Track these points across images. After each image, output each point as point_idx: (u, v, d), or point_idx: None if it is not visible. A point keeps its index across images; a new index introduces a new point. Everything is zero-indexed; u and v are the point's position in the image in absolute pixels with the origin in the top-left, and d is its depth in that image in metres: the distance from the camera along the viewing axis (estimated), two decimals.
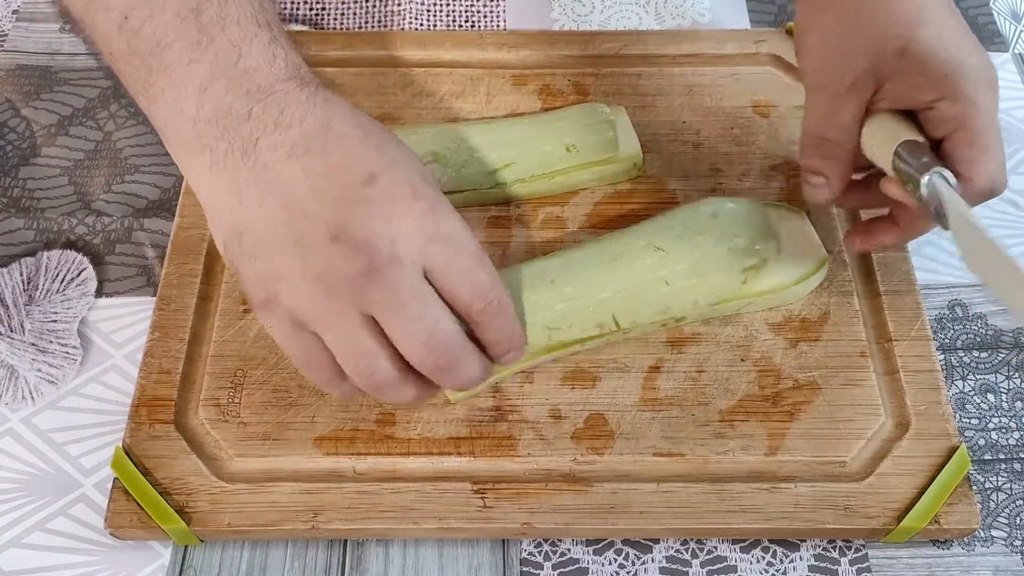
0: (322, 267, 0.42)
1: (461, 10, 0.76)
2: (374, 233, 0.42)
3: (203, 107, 0.43)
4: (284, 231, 0.43)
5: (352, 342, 0.43)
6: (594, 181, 0.62)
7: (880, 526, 0.50)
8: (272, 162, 0.43)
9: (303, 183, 0.43)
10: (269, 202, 0.43)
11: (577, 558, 0.52)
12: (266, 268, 0.43)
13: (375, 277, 0.42)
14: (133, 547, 0.52)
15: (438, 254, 0.43)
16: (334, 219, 0.42)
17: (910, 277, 0.58)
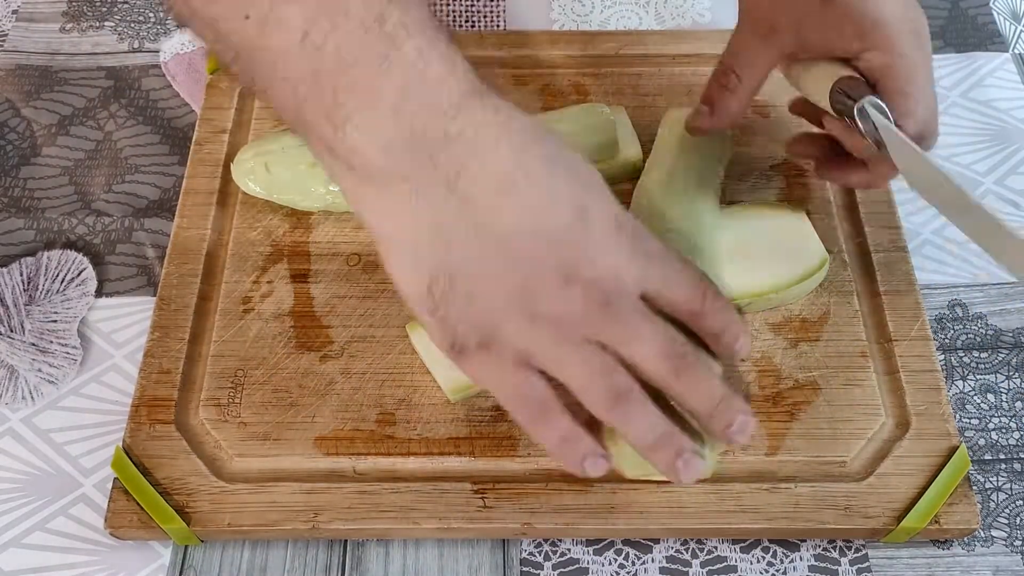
0: (554, 308, 0.42)
1: (461, 10, 0.76)
2: (603, 269, 0.42)
3: (399, 128, 0.40)
4: (503, 274, 0.42)
5: (594, 366, 0.43)
6: None
7: (880, 526, 0.50)
8: (478, 199, 0.41)
9: (514, 223, 0.41)
10: (483, 245, 0.41)
11: (577, 558, 0.52)
12: (484, 311, 0.42)
13: (611, 310, 0.42)
14: (133, 547, 0.52)
15: (653, 274, 0.44)
16: (559, 261, 0.42)
17: (910, 277, 0.58)
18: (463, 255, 0.42)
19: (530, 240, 0.41)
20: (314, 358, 0.56)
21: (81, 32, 0.74)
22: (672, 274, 0.44)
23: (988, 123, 0.68)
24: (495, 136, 0.41)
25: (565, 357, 0.43)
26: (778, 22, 0.51)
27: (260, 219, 0.61)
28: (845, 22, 0.48)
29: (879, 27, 0.48)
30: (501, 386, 0.44)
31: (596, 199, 0.43)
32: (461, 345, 0.43)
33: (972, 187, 0.65)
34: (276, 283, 0.59)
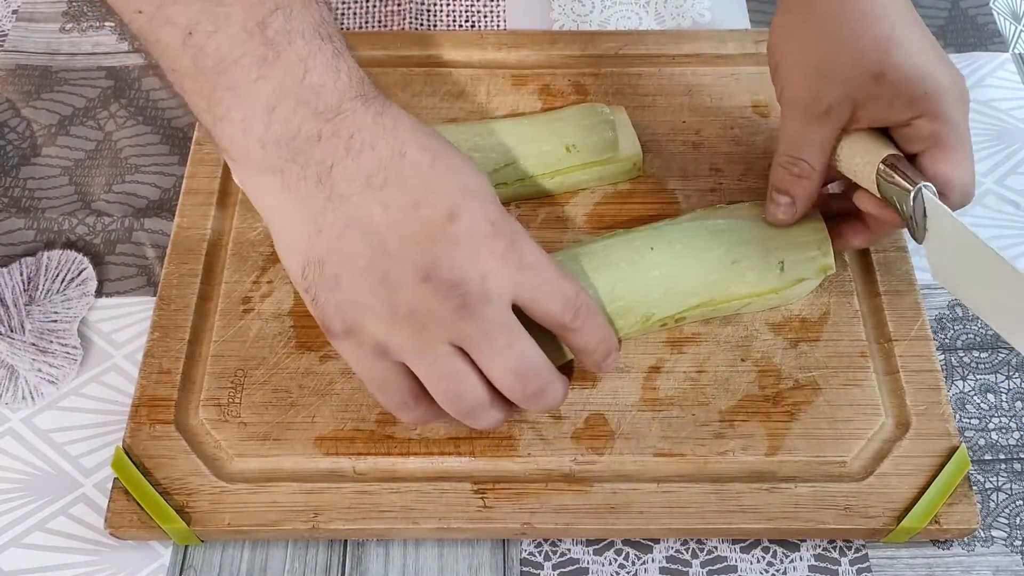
0: (412, 305, 0.43)
1: (461, 10, 0.76)
2: (464, 273, 0.43)
3: (272, 128, 0.42)
4: (367, 266, 0.43)
5: (444, 370, 0.44)
6: (594, 181, 0.62)
7: (880, 526, 0.50)
8: (349, 194, 0.43)
9: (383, 218, 0.43)
10: (349, 235, 0.43)
11: (577, 558, 0.52)
12: (348, 299, 0.44)
13: (466, 314, 0.43)
14: (133, 547, 0.52)
15: (526, 284, 0.44)
16: (421, 259, 0.43)
17: (910, 277, 0.58)
18: (330, 245, 0.43)
19: (395, 236, 0.43)
20: (314, 358, 0.56)
21: (81, 32, 0.74)
22: (544, 286, 0.45)
23: (988, 123, 0.68)
24: (372, 137, 0.43)
25: (418, 356, 0.44)
26: (833, 101, 0.50)
27: (260, 219, 0.61)
28: (897, 93, 0.49)
29: (932, 95, 0.48)
30: (365, 373, 0.46)
31: (473, 203, 0.44)
32: (329, 328, 0.45)
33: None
34: (276, 283, 0.59)
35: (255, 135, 0.43)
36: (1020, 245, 0.63)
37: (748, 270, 0.55)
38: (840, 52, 0.50)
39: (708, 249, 0.55)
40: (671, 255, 0.55)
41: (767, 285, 0.55)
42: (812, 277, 0.56)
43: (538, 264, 0.45)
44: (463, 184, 0.45)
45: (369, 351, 0.45)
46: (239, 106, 0.42)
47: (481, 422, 0.47)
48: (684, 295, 0.54)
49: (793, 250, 0.55)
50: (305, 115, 0.43)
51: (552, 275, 0.46)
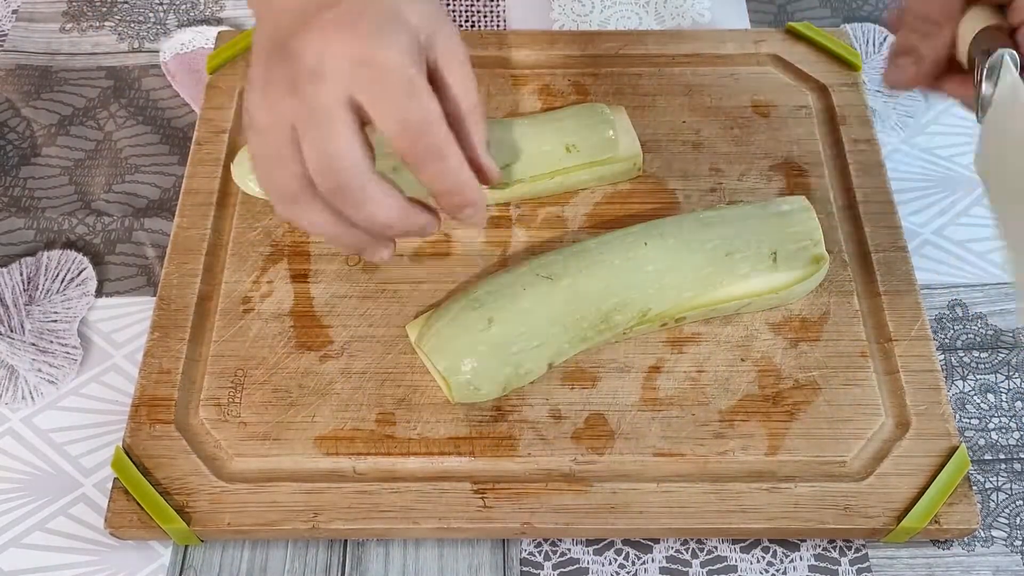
0: (262, 72, 0.43)
1: (461, 10, 0.76)
2: (304, 45, 0.42)
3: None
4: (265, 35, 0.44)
5: (272, 147, 0.43)
6: (594, 181, 0.62)
7: (880, 526, 0.50)
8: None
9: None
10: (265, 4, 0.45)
11: (577, 558, 0.52)
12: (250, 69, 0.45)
13: (295, 87, 0.42)
14: (133, 547, 0.52)
15: (363, 81, 0.41)
16: (289, 28, 0.43)
17: (910, 277, 0.58)
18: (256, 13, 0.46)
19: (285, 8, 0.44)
20: (314, 358, 0.56)
21: (81, 32, 0.74)
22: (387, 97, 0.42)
23: None
24: None
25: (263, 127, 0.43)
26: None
27: (260, 219, 0.61)
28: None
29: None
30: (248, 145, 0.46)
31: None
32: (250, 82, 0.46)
33: (972, 188, 0.65)
34: (276, 283, 0.59)
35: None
36: None
37: (741, 261, 0.55)
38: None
39: (701, 243, 0.55)
40: (664, 250, 0.55)
41: (762, 278, 0.55)
42: (805, 267, 0.56)
43: (388, 68, 0.42)
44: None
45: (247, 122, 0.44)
46: None
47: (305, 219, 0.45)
48: (679, 289, 0.54)
49: (786, 240, 0.55)
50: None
51: (400, 87, 0.42)
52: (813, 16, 0.75)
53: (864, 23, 0.75)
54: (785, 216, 0.56)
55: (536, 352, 0.53)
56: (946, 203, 0.64)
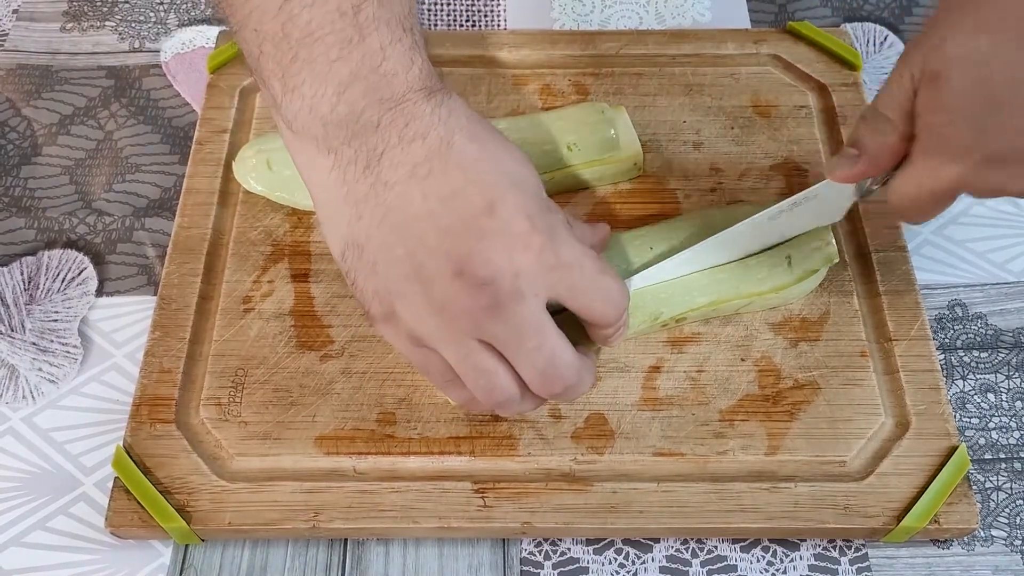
0: (443, 300, 0.43)
1: (461, 9, 0.76)
2: (497, 270, 0.42)
3: (338, 108, 0.43)
4: (403, 255, 0.43)
5: (473, 364, 0.44)
6: (594, 180, 0.62)
7: (880, 526, 0.50)
8: (393, 181, 0.43)
9: (421, 207, 0.43)
10: (388, 223, 0.43)
11: (577, 557, 0.52)
12: (384, 286, 0.44)
13: (497, 313, 0.43)
14: (134, 546, 0.53)
15: (561, 282, 0.44)
16: (455, 252, 0.42)
17: (910, 277, 0.58)
18: (369, 231, 0.44)
19: (431, 227, 0.43)
20: (314, 357, 0.56)
21: (82, 32, 0.74)
22: (582, 284, 0.45)
23: None
24: (425, 127, 0.43)
25: (450, 348, 0.44)
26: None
27: (261, 219, 0.61)
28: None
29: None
30: (408, 355, 0.47)
31: (513, 195, 0.43)
32: (368, 312, 0.46)
33: None
34: (277, 282, 0.59)
35: (320, 113, 0.43)
36: (1019, 245, 0.63)
37: (758, 267, 0.55)
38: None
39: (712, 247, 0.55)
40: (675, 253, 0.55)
41: (777, 281, 0.55)
42: (819, 267, 0.56)
43: (576, 262, 0.45)
44: (506, 175, 0.44)
45: (405, 337, 0.45)
46: (312, 80, 0.43)
47: (513, 412, 0.48)
48: (694, 294, 0.54)
49: (798, 243, 0.56)
50: (371, 101, 0.43)
51: (592, 274, 0.45)
52: (813, 16, 0.75)
53: (864, 23, 0.75)
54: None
55: None
56: None
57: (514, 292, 0.43)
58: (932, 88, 0.44)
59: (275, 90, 0.44)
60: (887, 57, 0.73)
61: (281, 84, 0.43)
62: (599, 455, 0.53)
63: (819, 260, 0.56)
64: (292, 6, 0.42)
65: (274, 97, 0.44)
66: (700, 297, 0.55)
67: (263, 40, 0.43)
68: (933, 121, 0.45)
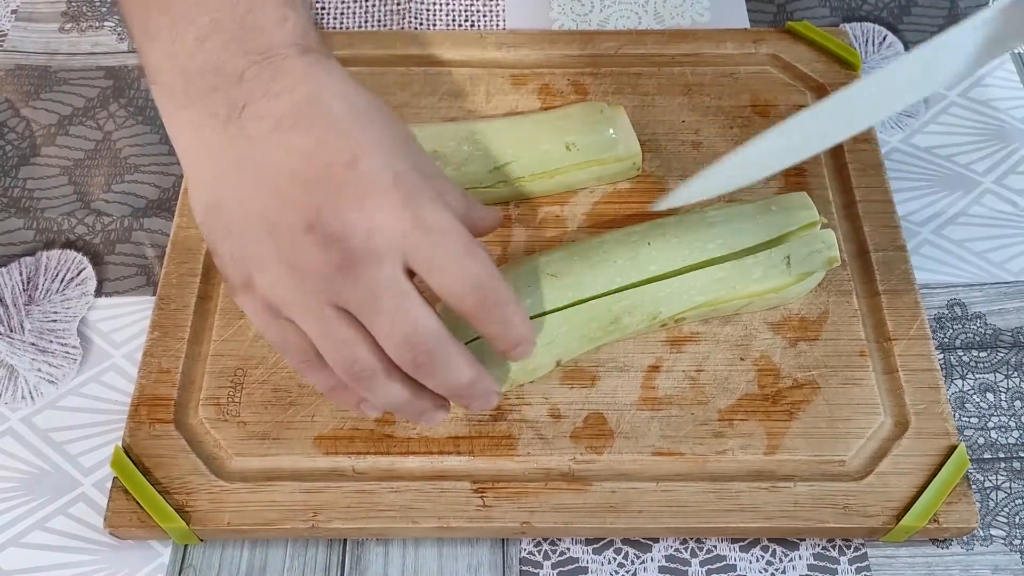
0: (294, 257, 0.40)
1: (460, 9, 0.76)
2: (349, 224, 0.39)
3: (195, 57, 0.40)
4: (257, 211, 0.40)
5: (329, 332, 0.41)
6: (593, 180, 0.62)
7: (879, 525, 0.50)
8: (255, 135, 0.40)
9: (282, 161, 0.40)
10: (245, 177, 0.41)
11: (576, 557, 0.52)
12: (240, 248, 0.41)
13: (349, 272, 0.39)
14: (133, 546, 0.52)
15: (419, 247, 0.40)
16: (308, 205, 0.39)
17: (909, 276, 0.58)
18: (226, 187, 0.41)
19: (288, 181, 0.40)
20: None
21: (80, 32, 0.74)
22: (445, 257, 0.41)
23: (987, 122, 0.68)
24: (294, 82, 0.41)
25: (305, 315, 0.41)
26: None
27: None
28: None
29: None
30: (265, 331, 0.43)
31: (381, 150, 0.40)
32: (226, 280, 0.43)
33: (971, 187, 0.65)
34: None
35: (179, 62, 0.41)
36: (1018, 244, 0.63)
37: (755, 266, 0.55)
38: None
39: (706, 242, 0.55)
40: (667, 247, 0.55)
41: (774, 282, 0.55)
42: (818, 270, 0.56)
43: (441, 230, 0.41)
44: (378, 131, 0.41)
45: (261, 307, 0.42)
46: (170, 27, 0.40)
47: (381, 394, 0.43)
48: (692, 293, 0.54)
49: (798, 244, 0.55)
50: (234, 52, 0.40)
51: (457, 247, 0.41)
52: (812, 16, 0.75)
53: (863, 22, 0.75)
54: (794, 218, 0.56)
55: (545, 349, 0.53)
56: (945, 202, 0.65)
57: (368, 251, 0.39)
58: None
59: (139, 44, 0.41)
60: (886, 57, 0.73)
61: (143, 34, 0.41)
62: (598, 455, 0.53)
63: (820, 263, 0.56)
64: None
65: (137, 47, 0.42)
66: (698, 296, 0.55)
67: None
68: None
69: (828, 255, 0.55)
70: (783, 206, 0.57)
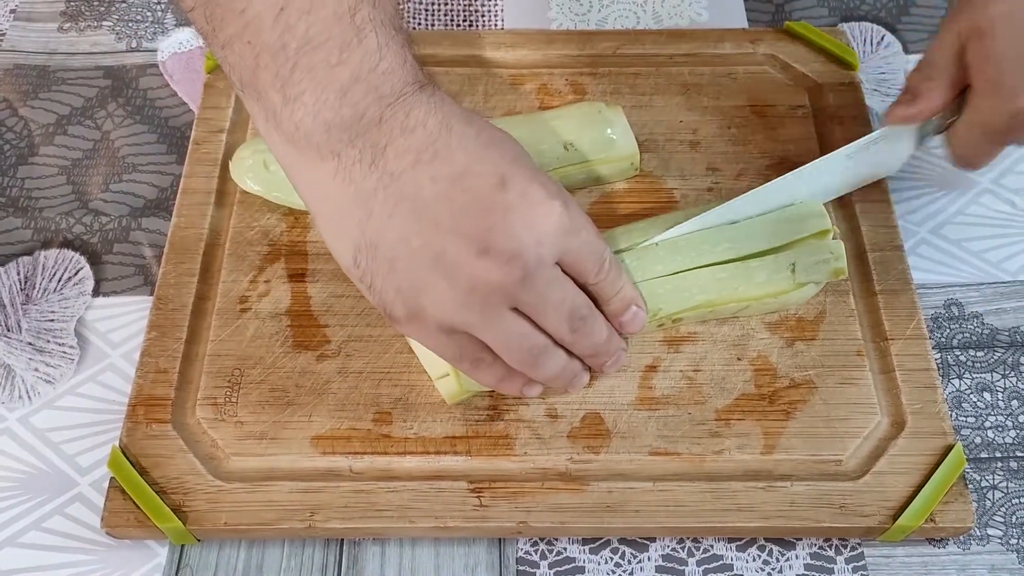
0: (472, 281, 0.43)
1: (459, 9, 0.76)
2: (522, 243, 0.43)
3: (341, 111, 0.43)
4: (421, 245, 0.43)
5: (510, 334, 0.46)
6: (591, 180, 0.63)
7: (876, 524, 0.50)
8: (399, 171, 0.43)
9: (432, 191, 0.43)
10: (400, 214, 0.43)
11: (573, 557, 0.52)
12: (407, 282, 0.44)
13: (529, 282, 0.44)
14: (130, 546, 0.53)
15: (572, 244, 0.45)
16: (475, 231, 0.43)
17: (906, 276, 0.58)
18: (381, 226, 0.43)
19: (445, 210, 0.43)
20: (311, 357, 0.56)
21: (79, 32, 0.74)
22: (587, 246, 0.47)
23: None
24: (424, 115, 0.43)
25: (484, 325, 0.45)
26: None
27: (258, 219, 0.61)
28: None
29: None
30: (437, 348, 0.47)
31: (520, 168, 0.44)
32: (391, 315, 0.45)
33: (969, 187, 0.65)
34: (273, 282, 0.59)
35: (323, 118, 0.43)
36: (1016, 244, 0.63)
37: (759, 269, 0.55)
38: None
39: (714, 244, 0.55)
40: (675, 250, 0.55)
41: (776, 286, 0.55)
42: (824, 280, 0.56)
43: (584, 226, 0.47)
44: (507, 152, 0.45)
45: (435, 330, 0.45)
46: (314, 88, 0.42)
47: (549, 367, 0.48)
48: (692, 291, 0.54)
49: (806, 252, 0.55)
50: (372, 99, 0.43)
51: (593, 235, 0.47)
52: (811, 16, 0.75)
53: (861, 22, 0.75)
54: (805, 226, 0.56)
55: None
56: (943, 202, 0.65)
57: (540, 260, 0.44)
58: (979, 42, 0.51)
59: (274, 102, 0.43)
60: (884, 57, 0.73)
61: (281, 95, 0.43)
62: (595, 454, 0.53)
63: (826, 272, 0.55)
64: (288, 16, 0.42)
65: (272, 110, 0.44)
66: (700, 295, 0.55)
67: (259, 52, 0.42)
68: (984, 70, 0.52)
69: (835, 266, 0.55)
70: (797, 213, 0.56)
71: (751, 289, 0.55)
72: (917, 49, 0.73)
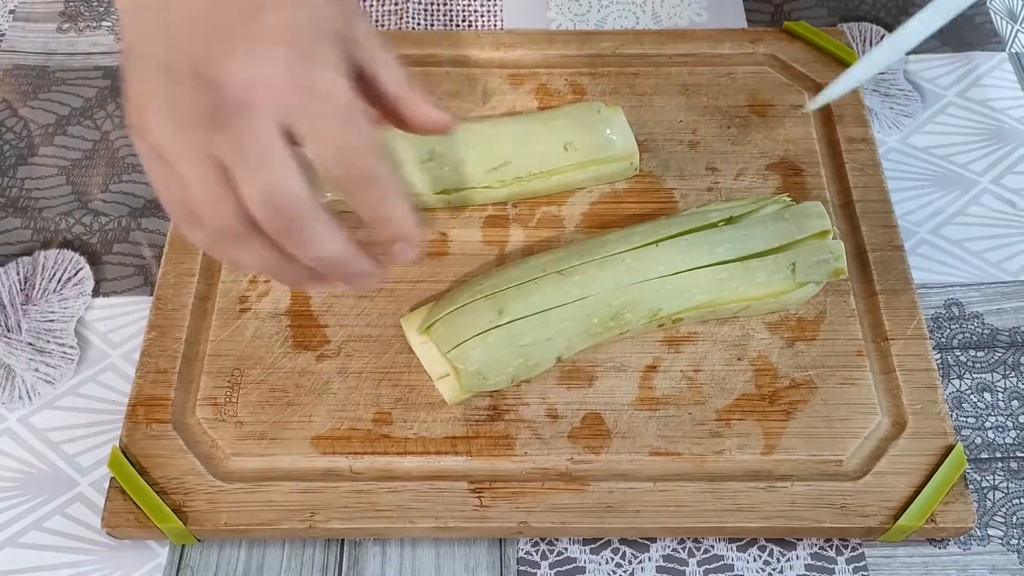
0: (176, 100, 0.39)
1: (458, 10, 0.76)
2: (228, 73, 0.38)
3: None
4: (158, 55, 0.39)
5: (199, 181, 0.40)
6: (591, 180, 0.62)
7: (876, 525, 0.50)
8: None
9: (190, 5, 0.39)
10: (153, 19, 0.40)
11: (574, 557, 0.52)
12: (137, 90, 0.41)
13: (220, 121, 0.38)
14: (130, 546, 0.52)
15: (300, 109, 0.39)
16: (198, 51, 0.38)
17: (906, 276, 0.58)
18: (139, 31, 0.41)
19: (188, 26, 0.39)
20: (311, 357, 0.56)
21: (78, 32, 0.74)
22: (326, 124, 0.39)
23: (985, 122, 0.68)
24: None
25: (183, 163, 0.40)
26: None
27: None
28: None
29: None
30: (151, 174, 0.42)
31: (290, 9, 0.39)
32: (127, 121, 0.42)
33: (968, 187, 0.65)
34: (273, 282, 0.59)
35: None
36: (1016, 244, 0.63)
37: (760, 269, 0.55)
38: None
39: (714, 245, 0.55)
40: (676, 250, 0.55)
41: (776, 287, 0.55)
42: (823, 280, 0.56)
43: (328, 94, 0.39)
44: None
45: (150, 149, 0.41)
46: None
47: (245, 256, 0.42)
48: (693, 291, 0.54)
49: (806, 252, 0.55)
50: None
51: (338, 114, 0.40)
52: (810, 16, 0.75)
53: (861, 22, 0.75)
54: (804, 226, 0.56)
55: (546, 345, 0.53)
56: (943, 202, 0.65)
57: (241, 102, 0.38)
58: None
59: None
60: None
61: None
62: (596, 455, 0.53)
63: (825, 273, 0.55)
64: None
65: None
66: (700, 295, 0.55)
67: None
68: None
69: (835, 266, 0.55)
70: (797, 214, 0.56)
71: (751, 289, 0.55)
72: (916, 49, 0.73)
